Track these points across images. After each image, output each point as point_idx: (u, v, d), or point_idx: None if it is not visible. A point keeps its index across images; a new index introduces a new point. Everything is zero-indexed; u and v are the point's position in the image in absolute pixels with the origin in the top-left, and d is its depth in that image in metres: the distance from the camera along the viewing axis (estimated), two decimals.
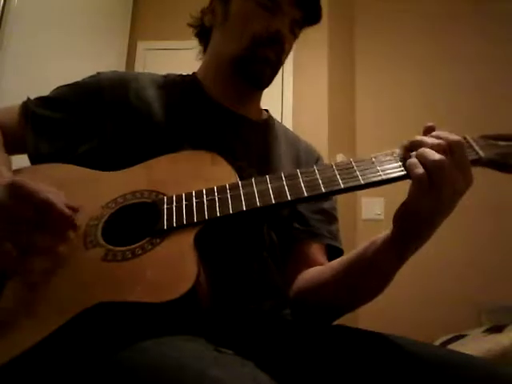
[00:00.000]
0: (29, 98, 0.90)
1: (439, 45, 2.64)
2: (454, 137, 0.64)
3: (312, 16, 0.90)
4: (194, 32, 0.98)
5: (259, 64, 0.87)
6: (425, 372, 0.66)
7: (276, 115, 1.04)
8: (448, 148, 0.62)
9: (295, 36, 0.91)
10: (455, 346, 1.63)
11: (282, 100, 2.42)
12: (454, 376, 0.64)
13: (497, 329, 1.66)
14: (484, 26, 2.60)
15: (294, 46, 0.93)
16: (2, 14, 1.86)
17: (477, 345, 1.55)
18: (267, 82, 0.90)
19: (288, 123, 2.34)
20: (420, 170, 0.61)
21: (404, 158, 0.66)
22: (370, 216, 2.46)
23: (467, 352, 0.73)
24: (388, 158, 0.68)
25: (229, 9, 0.89)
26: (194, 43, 1.01)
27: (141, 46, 2.70)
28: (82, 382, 0.55)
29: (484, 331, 1.72)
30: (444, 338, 1.79)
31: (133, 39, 2.70)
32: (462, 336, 1.75)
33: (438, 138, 0.64)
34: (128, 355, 0.53)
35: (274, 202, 0.66)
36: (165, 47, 2.64)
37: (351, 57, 2.74)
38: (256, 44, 0.85)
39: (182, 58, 2.02)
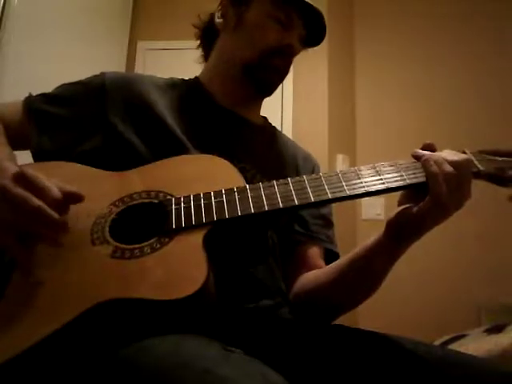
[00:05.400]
0: (31, 94, 0.89)
1: (440, 46, 2.64)
2: (463, 155, 0.69)
3: (313, 38, 0.94)
4: (199, 34, 0.99)
5: (269, 72, 0.90)
6: (425, 371, 0.66)
7: (276, 115, 1.05)
8: (460, 165, 0.67)
9: (299, 51, 0.94)
10: (455, 346, 1.63)
11: (282, 100, 2.41)
12: (454, 375, 0.64)
13: (497, 329, 1.66)
14: (485, 26, 2.60)
15: None
16: (2, 14, 1.86)
17: (477, 345, 1.55)
18: (273, 89, 0.93)
19: (288, 124, 2.34)
20: (444, 188, 0.65)
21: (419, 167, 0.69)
22: (370, 216, 2.46)
23: (467, 352, 0.73)
24: (391, 167, 0.71)
25: (243, 17, 0.91)
26: (194, 43, 1.02)
27: (141, 45, 2.70)
28: (86, 379, 0.55)
29: (484, 331, 1.72)
30: (444, 338, 1.79)
31: (133, 39, 2.70)
32: (462, 336, 1.75)
33: (452, 154, 0.69)
34: (134, 353, 0.53)
35: (281, 206, 0.67)
36: (165, 47, 2.64)
37: (351, 57, 2.74)
38: (269, 53, 0.88)
39: (182, 57, 2.01)
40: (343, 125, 2.60)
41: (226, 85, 0.93)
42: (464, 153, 0.71)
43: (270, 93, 0.94)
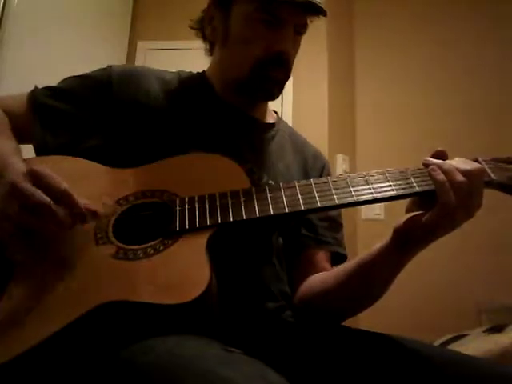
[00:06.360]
0: (36, 87, 0.88)
1: (439, 46, 2.64)
2: (475, 164, 0.67)
3: (316, 12, 0.84)
4: (199, 35, 0.95)
5: (266, 83, 0.85)
6: (425, 372, 0.66)
7: None
8: (472, 175, 0.65)
9: (303, 34, 0.88)
10: (455, 346, 1.63)
11: (281, 99, 2.41)
12: (455, 375, 0.64)
13: (497, 329, 1.66)
14: (486, 26, 2.60)
15: None
16: (2, 14, 1.85)
17: (477, 345, 1.55)
18: (276, 97, 0.89)
19: (288, 123, 2.33)
20: (452, 196, 0.63)
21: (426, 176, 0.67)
22: (370, 216, 2.46)
23: (467, 352, 0.74)
24: (401, 173, 0.69)
25: (229, 27, 0.86)
26: (193, 43, 1.00)
27: (141, 45, 2.70)
28: (87, 380, 0.55)
29: (484, 331, 1.72)
30: (444, 338, 1.79)
31: (133, 39, 2.70)
32: (462, 336, 1.75)
33: (463, 163, 0.67)
34: (135, 353, 0.53)
35: (287, 210, 0.66)
36: (165, 47, 2.64)
37: (351, 55, 2.74)
38: (259, 67, 0.83)
39: (182, 57, 2.02)
40: (343, 125, 2.60)
41: (228, 89, 0.90)
42: (476, 160, 0.69)
43: (272, 99, 0.90)
